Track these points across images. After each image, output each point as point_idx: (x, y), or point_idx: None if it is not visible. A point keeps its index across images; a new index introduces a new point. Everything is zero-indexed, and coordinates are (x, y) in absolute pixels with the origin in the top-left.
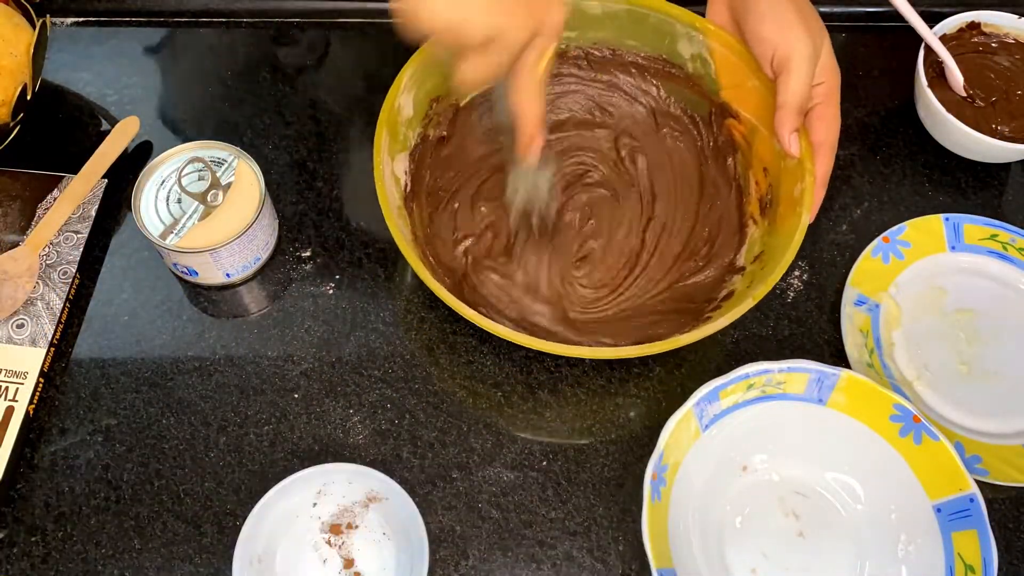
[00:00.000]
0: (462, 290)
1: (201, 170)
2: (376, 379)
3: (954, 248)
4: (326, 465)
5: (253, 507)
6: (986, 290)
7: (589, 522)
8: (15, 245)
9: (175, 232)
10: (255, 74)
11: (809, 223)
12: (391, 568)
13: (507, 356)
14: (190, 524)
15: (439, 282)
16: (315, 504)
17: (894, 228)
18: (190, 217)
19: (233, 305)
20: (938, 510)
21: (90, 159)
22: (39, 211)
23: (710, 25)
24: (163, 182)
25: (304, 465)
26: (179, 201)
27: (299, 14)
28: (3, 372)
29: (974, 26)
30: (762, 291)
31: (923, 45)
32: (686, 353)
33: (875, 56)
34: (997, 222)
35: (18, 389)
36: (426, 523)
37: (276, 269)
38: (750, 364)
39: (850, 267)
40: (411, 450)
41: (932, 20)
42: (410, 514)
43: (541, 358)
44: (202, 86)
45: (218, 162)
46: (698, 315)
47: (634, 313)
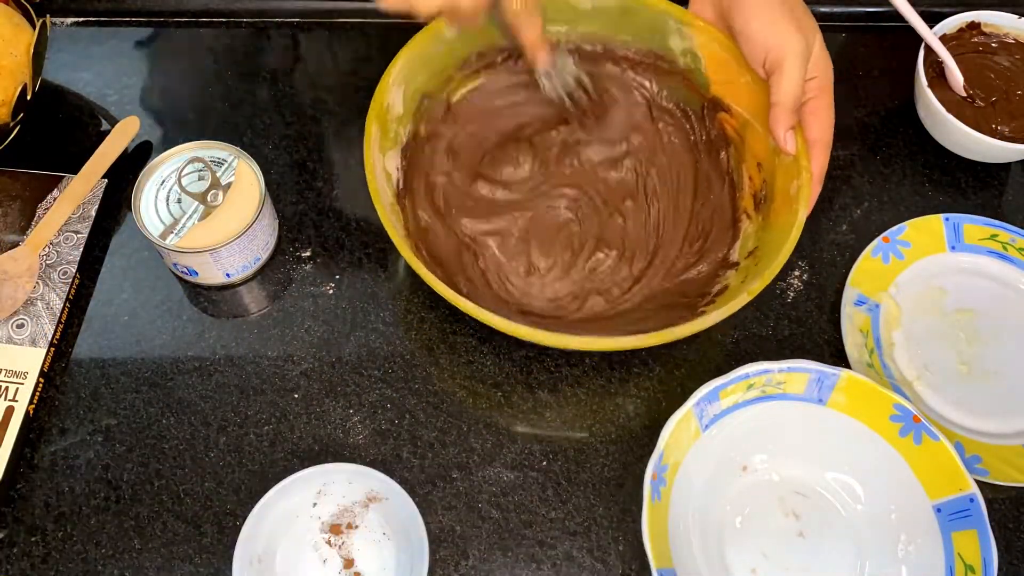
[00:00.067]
0: (457, 283)
1: (201, 170)
2: (376, 379)
3: (954, 248)
4: (326, 465)
5: (253, 507)
6: (986, 290)
7: (589, 522)
8: (15, 245)
9: (175, 232)
10: (255, 74)
11: (805, 218)
12: (391, 568)
13: (507, 356)
14: (190, 524)
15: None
16: (315, 504)
17: (894, 228)
18: (190, 217)
19: (233, 305)
20: (938, 510)
21: (90, 159)
22: (39, 211)
23: (698, 21)
24: (163, 182)
25: (304, 465)
26: (179, 201)
27: (299, 14)
28: (3, 372)
29: (974, 26)
30: (758, 286)
31: (923, 45)
32: (686, 353)
33: (875, 56)
34: (997, 222)
35: (18, 389)
36: (426, 523)
37: (276, 269)
38: (750, 364)
39: (850, 267)
40: (411, 450)
41: (932, 20)
42: (410, 514)
43: (541, 358)
44: (202, 86)
45: (218, 162)
46: (692, 310)
47: (629, 308)
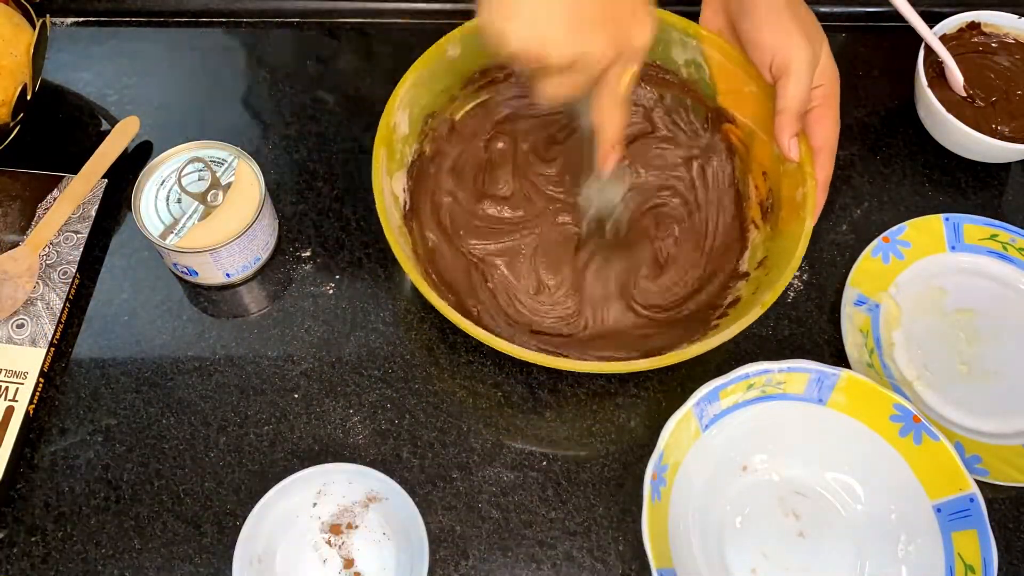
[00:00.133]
0: (467, 306)
1: (201, 170)
2: (376, 379)
3: (954, 248)
4: (326, 465)
5: (253, 507)
6: (986, 290)
7: (589, 522)
8: (15, 245)
9: (175, 232)
10: (255, 74)
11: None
12: (391, 568)
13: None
14: (190, 524)
15: (443, 300)
16: (315, 504)
17: (894, 228)
18: (190, 217)
19: (233, 305)
20: (938, 510)
21: (90, 159)
22: (39, 211)
23: (704, 31)
24: (163, 182)
25: (304, 465)
26: (179, 201)
27: (299, 14)
28: (3, 372)
29: (974, 26)
30: (771, 298)
31: (923, 45)
32: None
33: (875, 56)
34: (997, 222)
35: (18, 389)
36: (426, 523)
37: (276, 269)
38: (750, 364)
39: (850, 267)
40: (411, 450)
41: (932, 20)
42: (410, 514)
43: None
44: (202, 86)
45: (218, 162)
46: (704, 323)
47: (641, 323)
